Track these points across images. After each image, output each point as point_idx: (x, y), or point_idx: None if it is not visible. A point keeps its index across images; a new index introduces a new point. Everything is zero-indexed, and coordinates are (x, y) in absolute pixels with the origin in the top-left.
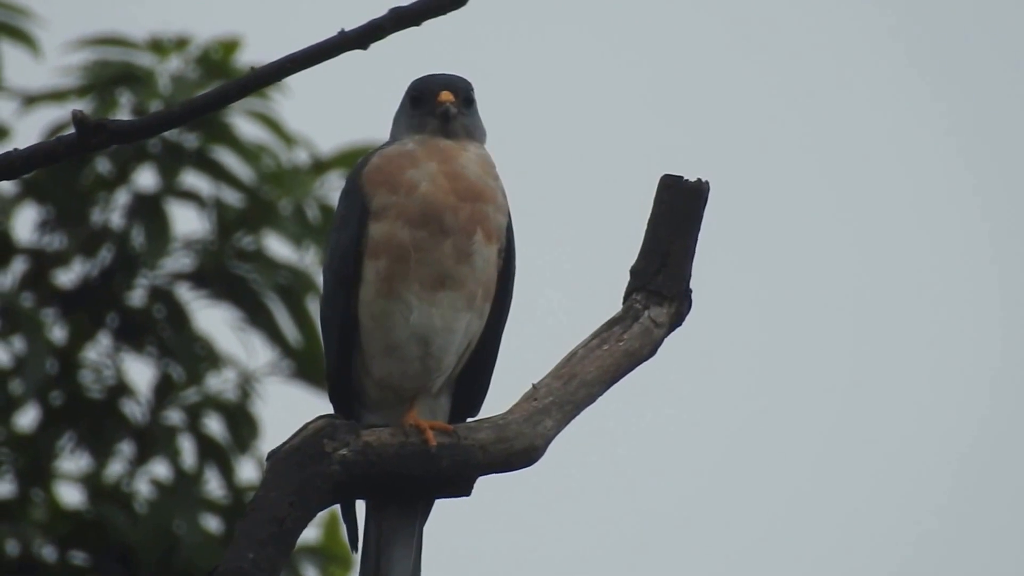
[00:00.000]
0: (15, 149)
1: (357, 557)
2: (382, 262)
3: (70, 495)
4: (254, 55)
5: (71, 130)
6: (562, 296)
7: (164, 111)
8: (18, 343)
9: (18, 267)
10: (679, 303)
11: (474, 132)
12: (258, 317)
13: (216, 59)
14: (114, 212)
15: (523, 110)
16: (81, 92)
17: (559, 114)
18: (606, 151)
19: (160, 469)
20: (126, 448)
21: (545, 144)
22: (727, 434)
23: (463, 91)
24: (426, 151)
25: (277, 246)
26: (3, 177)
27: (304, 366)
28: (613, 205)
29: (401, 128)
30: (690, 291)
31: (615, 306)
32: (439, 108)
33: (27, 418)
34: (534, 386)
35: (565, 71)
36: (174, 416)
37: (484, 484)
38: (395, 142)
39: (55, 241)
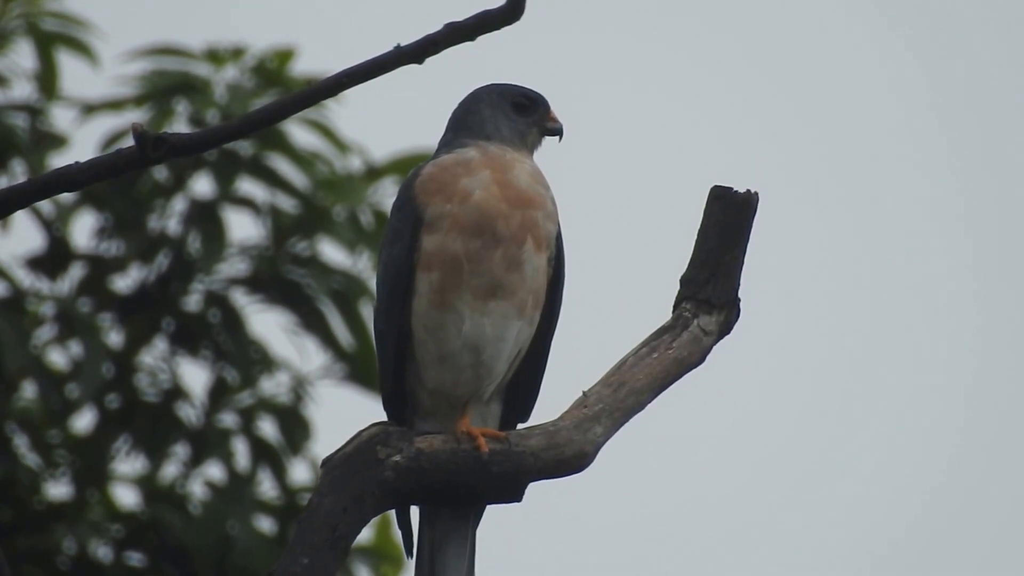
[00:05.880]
0: (76, 162)
1: (411, 562)
2: (435, 274)
3: (126, 496)
4: (308, 64)
5: (129, 140)
6: (612, 304)
7: (223, 124)
8: (76, 347)
9: (76, 273)
10: (728, 312)
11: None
12: (312, 321)
13: (271, 68)
14: (171, 219)
15: (574, 120)
16: (138, 101)
17: (609, 125)
18: (656, 161)
19: (214, 471)
20: (181, 450)
21: (595, 155)
22: (775, 440)
23: None
24: (484, 160)
25: (331, 252)
26: (65, 189)
27: (357, 370)
28: (663, 215)
29: (493, 128)
30: (739, 300)
31: (664, 315)
32: (555, 125)
33: (84, 421)
34: (584, 393)
35: (615, 81)
36: (228, 419)
37: (534, 490)
38: (456, 148)
39: (112, 247)
